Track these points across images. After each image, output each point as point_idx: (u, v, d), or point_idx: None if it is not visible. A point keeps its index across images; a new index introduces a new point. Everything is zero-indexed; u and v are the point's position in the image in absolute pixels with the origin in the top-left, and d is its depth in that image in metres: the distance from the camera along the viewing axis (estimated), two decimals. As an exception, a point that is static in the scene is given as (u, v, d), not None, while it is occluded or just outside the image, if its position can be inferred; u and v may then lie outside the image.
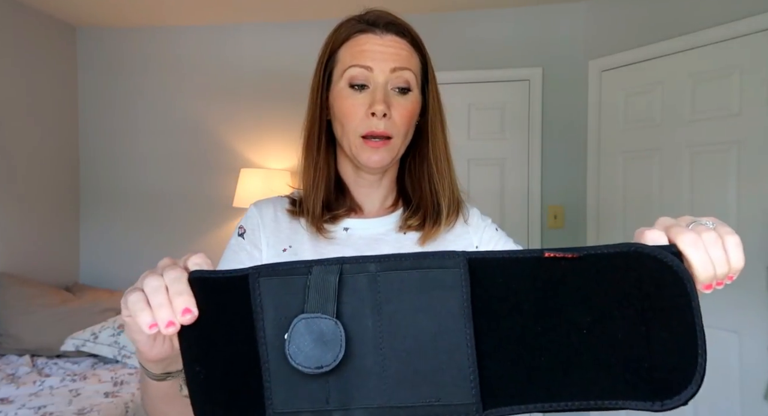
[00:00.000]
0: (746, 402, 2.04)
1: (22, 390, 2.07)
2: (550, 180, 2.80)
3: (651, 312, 0.38)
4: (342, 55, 0.77)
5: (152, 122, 3.15)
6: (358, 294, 0.41)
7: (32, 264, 2.85)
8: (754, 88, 2.02)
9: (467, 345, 0.40)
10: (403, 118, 0.75)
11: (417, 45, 0.79)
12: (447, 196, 0.81)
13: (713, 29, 2.15)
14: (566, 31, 2.76)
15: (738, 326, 2.07)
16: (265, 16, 2.95)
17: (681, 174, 2.28)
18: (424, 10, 2.86)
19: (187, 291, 0.43)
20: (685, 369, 0.37)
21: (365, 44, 0.75)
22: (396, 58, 0.75)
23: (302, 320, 0.40)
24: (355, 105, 0.74)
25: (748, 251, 1.92)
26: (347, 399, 0.40)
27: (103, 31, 3.17)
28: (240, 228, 0.82)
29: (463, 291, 0.40)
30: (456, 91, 2.87)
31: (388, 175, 0.83)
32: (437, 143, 0.81)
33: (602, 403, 0.39)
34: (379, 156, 0.75)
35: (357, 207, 0.82)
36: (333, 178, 0.81)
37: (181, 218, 3.11)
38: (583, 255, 0.39)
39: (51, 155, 2.99)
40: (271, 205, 0.83)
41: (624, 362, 0.39)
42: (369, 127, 0.73)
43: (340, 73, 0.76)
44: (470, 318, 0.40)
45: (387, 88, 0.74)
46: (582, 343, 0.39)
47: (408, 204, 0.83)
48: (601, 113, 2.62)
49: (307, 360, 0.39)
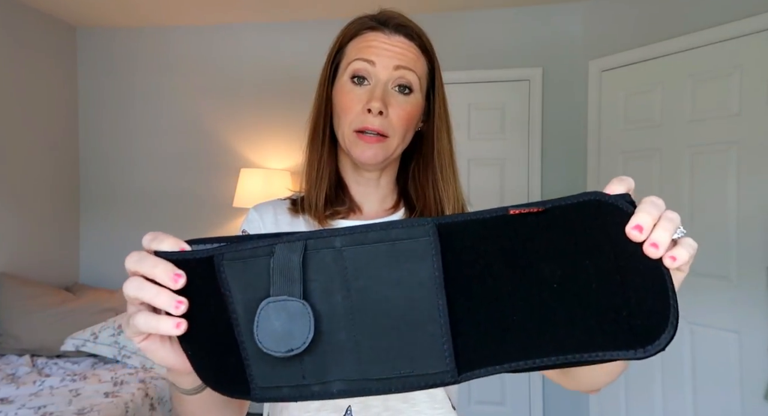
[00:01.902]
0: (746, 402, 2.04)
1: (22, 390, 2.07)
2: (550, 180, 2.80)
3: (624, 260, 0.37)
4: (349, 50, 0.77)
5: (152, 122, 3.15)
6: (325, 271, 0.40)
7: (32, 264, 2.85)
8: (754, 88, 2.02)
9: (440, 316, 0.39)
10: (401, 119, 0.74)
11: (426, 50, 0.78)
12: (452, 204, 0.80)
13: (713, 29, 2.15)
14: (566, 31, 2.76)
15: (738, 326, 2.07)
16: (265, 16, 2.95)
17: (681, 174, 2.28)
18: (425, 10, 2.86)
19: (158, 261, 0.42)
20: (661, 312, 0.36)
21: (372, 40, 0.75)
22: (400, 57, 0.74)
23: (269, 303, 0.39)
24: (353, 99, 0.74)
25: (748, 251, 1.91)
26: (323, 374, 0.40)
27: (103, 31, 3.17)
28: (243, 233, 0.81)
29: (434, 260, 0.39)
30: (456, 91, 2.87)
31: (386, 175, 0.83)
32: (443, 150, 0.81)
33: (581, 357, 0.38)
34: (372, 151, 0.74)
35: (356, 207, 0.82)
36: (334, 175, 0.81)
37: (182, 218, 3.11)
38: (548, 208, 0.38)
39: (51, 155, 2.99)
40: (270, 208, 0.83)
41: (601, 312, 0.38)
42: (363, 122, 0.73)
43: (345, 66, 0.76)
44: (442, 287, 0.39)
45: (387, 86, 0.74)
46: (555, 298, 0.38)
47: (409, 208, 0.83)
48: (601, 113, 2.62)
49: (276, 345, 0.39)
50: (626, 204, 0.38)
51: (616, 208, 0.38)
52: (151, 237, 0.45)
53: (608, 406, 2.57)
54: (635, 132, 2.47)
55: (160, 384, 2.25)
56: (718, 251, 2.13)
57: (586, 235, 0.38)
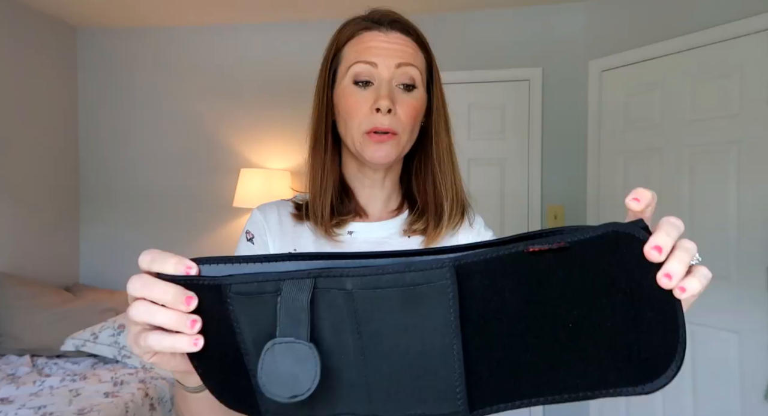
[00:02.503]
0: (746, 402, 2.04)
1: (22, 390, 2.07)
2: (550, 180, 2.80)
3: (638, 293, 0.37)
4: (347, 53, 0.76)
5: (152, 122, 3.15)
6: (335, 310, 0.39)
7: (32, 264, 2.85)
8: (754, 88, 2.02)
9: (455, 361, 0.38)
10: (408, 115, 0.74)
11: (422, 44, 0.78)
12: (450, 197, 0.80)
13: (713, 29, 2.15)
14: (566, 31, 2.76)
15: (738, 326, 2.07)
16: (265, 16, 2.95)
17: (681, 174, 2.28)
18: (424, 10, 2.86)
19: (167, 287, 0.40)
20: (671, 345, 0.36)
21: (370, 41, 0.74)
22: (401, 54, 0.74)
23: (275, 344, 0.38)
24: (359, 101, 0.73)
25: (748, 251, 1.91)
26: (332, 408, 0.40)
27: (103, 31, 3.17)
28: (248, 234, 0.81)
29: (450, 305, 0.38)
30: (456, 91, 2.87)
31: (391, 175, 0.82)
32: (441, 144, 0.80)
33: (592, 394, 0.38)
34: (384, 151, 0.74)
35: (362, 210, 0.82)
36: (338, 180, 0.80)
37: (181, 218, 3.11)
38: (569, 243, 0.37)
39: (51, 155, 2.99)
40: (275, 208, 0.82)
41: (615, 351, 0.37)
42: (373, 123, 0.72)
43: (345, 70, 0.75)
44: (458, 332, 0.38)
45: (392, 84, 0.74)
46: (570, 338, 0.38)
47: (413, 208, 0.83)
48: (601, 113, 2.63)
49: (280, 390, 0.37)
50: (641, 231, 0.37)
51: (632, 238, 0.36)
52: (150, 258, 0.41)
53: (608, 406, 2.57)
54: (635, 132, 2.47)
55: (160, 384, 2.25)
56: (718, 251, 2.13)
57: (604, 272, 0.37)
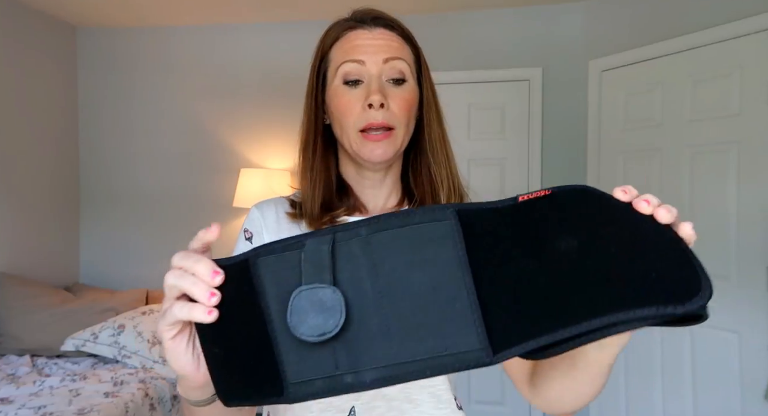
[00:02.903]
0: (746, 402, 2.04)
1: (22, 390, 2.07)
2: (550, 180, 2.79)
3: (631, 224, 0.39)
4: (334, 54, 0.77)
5: (152, 122, 3.15)
6: (353, 260, 0.42)
7: (32, 264, 2.85)
8: (754, 88, 2.02)
9: (467, 292, 0.40)
10: (402, 109, 0.74)
11: (407, 37, 0.78)
12: (445, 187, 0.80)
13: (713, 29, 2.15)
14: (566, 31, 2.76)
15: (738, 326, 2.07)
16: (264, 16, 2.95)
17: (681, 174, 2.28)
18: (424, 10, 2.86)
19: (200, 258, 0.45)
20: (691, 275, 0.36)
21: (356, 40, 0.75)
22: (387, 49, 0.74)
23: (301, 291, 0.41)
24: (351, 100, 0.74)
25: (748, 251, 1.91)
26: (356, 362, 0.41)
27: (103, 31, 3.17)
28: (246, 232, 0.81)
29: (457, 240, 0.41)
30: (456, 91, 2.87)
31: (391, 173, 0.82)
32: (433, 135, 0.80)
33: (616, 317, 0.36)
34: (382, 149, 0.74)
35: (361, 206, 0.82)
36: (333, 181, 0.81)
37: (181, 218, 3.11)
38: (553, 190, 0.41)
39: (51, 155, 2.99)
40: (272, 206, 0.83)
41: (627, 273, 0.37)
42: (367, 119, 0.72)
43: (334, 71, 0.76)
44: (467, 266, 0.40)
45: (381, 79, 0.74)
46: (578, 267, 0.39)
47: (411, 201, 0.83)
48: (601, 113, 2.62)
49: (309, 329, 0.40)
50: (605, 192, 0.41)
51: (610, 197, 0.41)
52: (183, 255, 0.47)
53: (608, 406, 2.57)
54: (635, 132, 2.47)
55: (160, 384, 2.25)
56: (718, 251, 2.13)
57: (595, 212, 0.40)
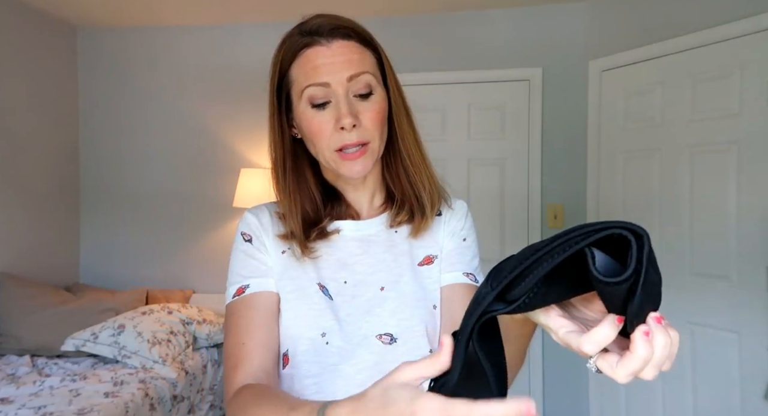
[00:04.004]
0: (746, 402, 2.04)
1: (22, 390, 2.07)
2: (550, 179, 2.80)
3: None
4: (295, 75, 0.76)
5: (152, 122, 3.15)
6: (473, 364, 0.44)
7: (32, 264, 2.85)
8: (754, 88, 2.02)
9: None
10: (374, 122, 0.74)
11: (366, 42, 0.77)
12: (427, 188, 0.81)
13: (713, 29, 2.15)
14: (566, 31, 2.76)
15: (738, 326, 2.07)
16: (265, 16, 2.95)
17: (681, 174, 2.28)
18: (425, 11, 2.86)
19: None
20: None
21: (316, 59, 0.73)
22: (349, 64, 0.73)
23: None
24: (322, 122, 0.73)
25: (748, 251, 1.91)
26: None
27: (103, 31, 3.17)
28: (245, 235, 0.83)
29: None
30: (456, 91, 2.87)
31: (370, 175, 0.83)
32: (405, 136, 0.80)
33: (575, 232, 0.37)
34: (361, 165, 0.74)
35: (354, 211, 0.84)
36: (315, 192, 0.82)
37: (181, 218, 3.11)
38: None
39: (51, 155, 2.99)
40: (266, 210, 0.85)
41: None
42: (342, 140, 0.73)
43: (299, 94, 0.75)
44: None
45: (349, 97, 0.73)
46: None
47: (391, 198, 0.85)
48: (601, 113, 2.62)
49: None
50: None
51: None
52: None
53: (608, 406, 2.57)
54: (635, 132, 2.47)
55: (160, 384, 2.25)
56: (718, 251, 2.13)
57: None
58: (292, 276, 0.79)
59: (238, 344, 0.73)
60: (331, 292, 0.78)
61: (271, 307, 0.77)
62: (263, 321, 0.76)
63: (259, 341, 0.74)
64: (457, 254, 0.83)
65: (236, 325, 0.75)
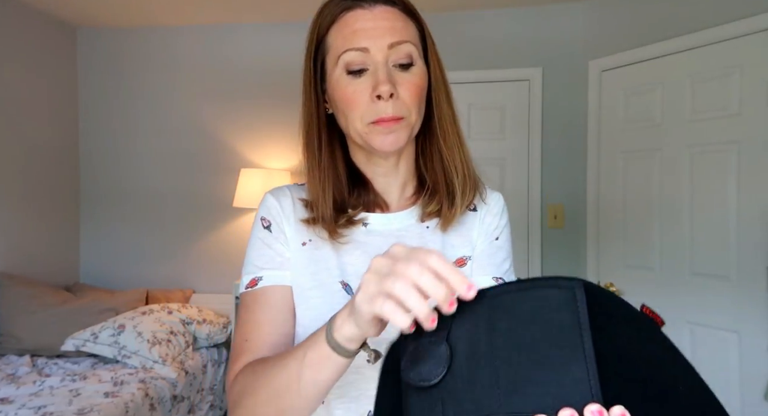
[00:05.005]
0: (746, 402, 2.04)
1: (22, 390, 2.07)
2: (550, 179, 2.80)
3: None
4: (332, 40, 0.70)
5: (152, 122, 3.15)
6: (472, 316, 0.44)
7: (32, 264, 2.85)
8: (754, 88, 2.02)
9: (584, 355, 0.38)
10: (413, 95, 0.69)
11: (410, 12, 0.72)
12: (460, 174, 0.75)
13: (713, 29, 2.15)
14: (566, 31, 2.76)
15: (738, 326, 2.07)
16: (264, 16, 2.95)
17: (681, 174, 2.28)
18: (425, 11, 2.84)
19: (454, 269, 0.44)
20: None
21: (355, 23, 0.68)
22: (391, 31, 0.67)
23: (420, 340, 0.45)
24: (357, 91, 0.68)
25: (748, 251, 1.91)
26: (459, 411, 0.40)
27: (103, 31, 3.17)
28: (264, 221, 0.76)
29: (579, 306, 0.40)
30: (456, 91, 2.85)
31: (404, 158, 0.77)
32: (443, 117, 0.75)
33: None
34: (394, 136, 0.68)
35: (382, 201, 0.77)
36: (344, 176, 0.76)
37: (181, 218, 3.11)
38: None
39: (51, 155, 2.99)
40: (288, 194, 0.78)
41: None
42: (377, 112, 0.67)
43: (334, 60, 0.69)
44: (588, 329, 0.39)
45: (388, 66, 0.68)
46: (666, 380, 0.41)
47: (422, 185, 0.79)
48: (601, 113, 2.62)
49: (414, 375, 0.43)
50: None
51: None
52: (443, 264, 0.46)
53: (608, 406, 2.57)
54: (635, 132, 2.47)
55: (160, 384, 2.25)
56: (718, 251, 2.13)
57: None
58: (313, 272, 0.73)
59: (242, 340, 0.71)
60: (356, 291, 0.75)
61: (282, 302, 0.73)
62: (271, 317, 0.71)
63: (265, 338, 0.70)
64: (487, 256, 0.78)
65: (244, 320, 0.72)
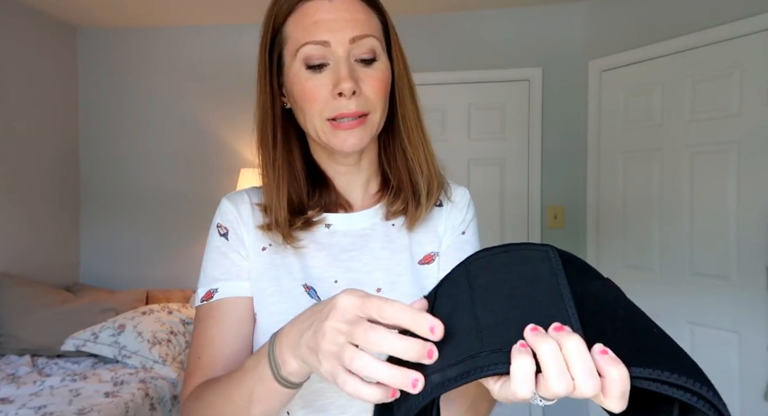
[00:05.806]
0: (746, 402, 2.04)
1: (23, 390, 2.07)
2: (550, 180, 2.80)
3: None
4: (290, 31, 0.66)
5: (152, 122, 3.15)
6: (453, 283, 0.45)
7: (32, 264, 2.85)
8: (754, 88, 2.02)
9: (563, 296, 0.39)
10: (377, 91, 0.65)
11: (373, 3, 0.68)
12: (425, 173, 0.72)
13: (713, 29, 2.15)
14: (566, 31, 2.76)
15: (738, 326, 2.07)
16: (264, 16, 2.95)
17: (681, 174, 2.28)
18: (425, 11, 2.86)
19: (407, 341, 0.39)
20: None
21: (315, 13, 0.64)
22: (353, 24, 0.64)
23: None
24: (316, 87, 0.64)
25: (748, 251, 1.91)
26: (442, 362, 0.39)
27: (103, 31, 3.17)
28: (220, 228, 0.73)
29: (553, 261, 0.42)
30: (456, 91, 2.87)
31: (367, 156, 0.74)
32: (407, 114, 0.71)
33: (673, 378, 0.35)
34: (356, 137, 0.65)
35: (344, 201, 0.74)
36: (303, 174, 0.72)
37: (182, 218, 3.11)
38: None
39: (51, 155, 2.99)
40: (246, 198, 0.74)
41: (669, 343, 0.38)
42: (338, 109, 0.63)
43: (293, 53, 0.65)
44: (565, 278, 0.40)
45: (350, 60, 0.64)
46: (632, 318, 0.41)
47: (386, 184, 0.76)
48: (601, 113, 2.63)
49: None
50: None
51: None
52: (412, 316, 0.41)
53: (608, 406, 2.57)
54: (635, 132, 2.47)
55: (160, 384, 2.25)
56: (718, 251, 2.13)
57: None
58: (273, 277, 0.70)
59: (195, 358, 0.68)
60: (320, 294, 0.69)
61: (239, 314, 0.69)
62: (225, 332, 0.68)
63: (218, 356, 0.67)
64: (455, 250, 0.75)
65: (197, 336, 0.69)
